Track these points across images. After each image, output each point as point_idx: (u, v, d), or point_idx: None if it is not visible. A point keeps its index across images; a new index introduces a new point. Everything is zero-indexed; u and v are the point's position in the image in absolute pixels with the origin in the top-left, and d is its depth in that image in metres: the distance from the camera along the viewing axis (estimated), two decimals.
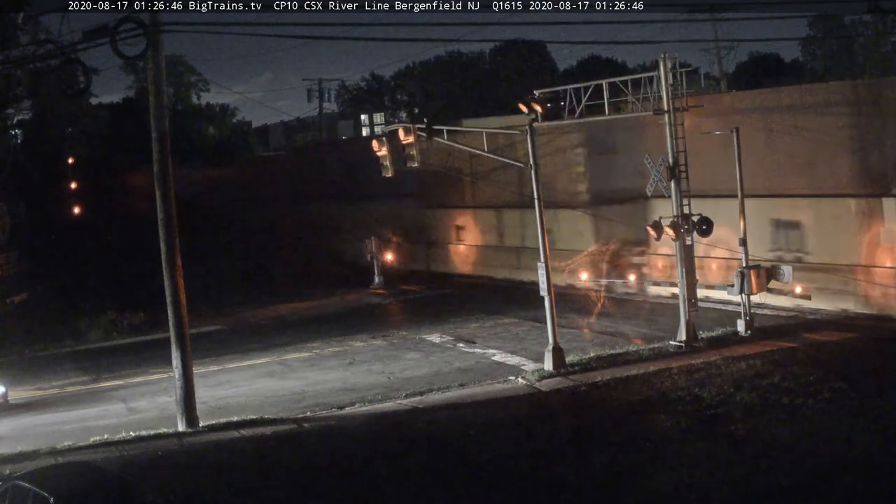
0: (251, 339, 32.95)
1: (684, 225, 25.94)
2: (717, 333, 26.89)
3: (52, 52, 22.44)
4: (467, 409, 22.01)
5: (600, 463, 17.49)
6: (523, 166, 26.46)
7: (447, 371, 26.18)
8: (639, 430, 19.15)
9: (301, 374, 27.18)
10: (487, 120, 49.93)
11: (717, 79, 57.33)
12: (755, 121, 30.67)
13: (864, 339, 25.50)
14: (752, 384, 21.45)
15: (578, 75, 73.05)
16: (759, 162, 30.22)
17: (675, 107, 25.99)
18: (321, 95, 74.68)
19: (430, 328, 32.50)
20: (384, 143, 27.53)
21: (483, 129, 29.87)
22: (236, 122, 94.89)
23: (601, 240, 36.69)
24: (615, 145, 36.14)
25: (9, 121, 54.09)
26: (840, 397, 19.97)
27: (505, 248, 42.42)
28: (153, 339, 32.62)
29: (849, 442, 17.44)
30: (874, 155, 28.81)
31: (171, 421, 22.05)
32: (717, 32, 55.56)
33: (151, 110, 21.95)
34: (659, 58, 26.09)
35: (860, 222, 28.94)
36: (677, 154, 26.01)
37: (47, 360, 31.74)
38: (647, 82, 26.42)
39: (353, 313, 37.14)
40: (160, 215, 22.01)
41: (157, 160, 21.99)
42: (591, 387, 23.08)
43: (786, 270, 26.84)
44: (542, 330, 26.31)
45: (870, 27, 64.99)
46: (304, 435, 20.91)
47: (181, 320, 22.09)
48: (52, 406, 25.56)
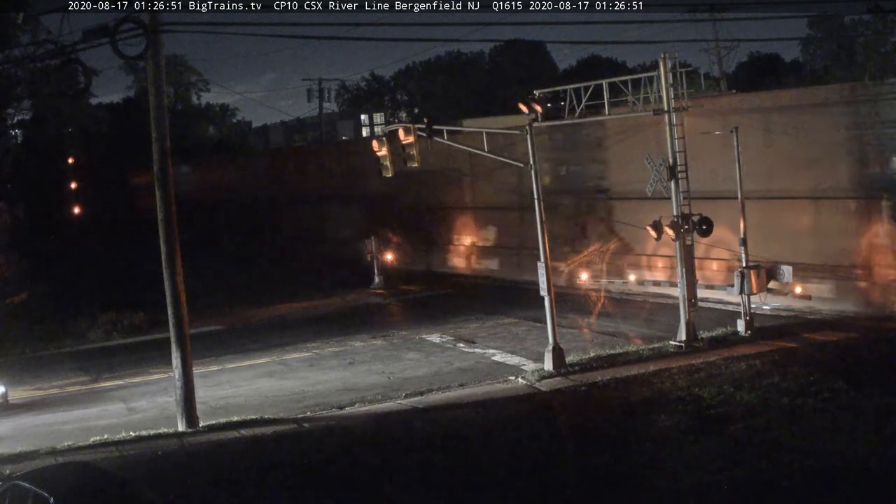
0: (251, 339, 32.94)
1: (684, 225, 25.94)
2: (717, 333, 26.89)
3: (52, 52, 22.47)
4: (467, 409, 22.02)
5: (600, 463, 17.48)
6: (523, 166, 26.45)
7: (447, 371, 26.18)
8: (639, 430, 19.14)
9: (301, 374, 27.18)
10: (487, 120, 49.93)
11: (717, 79, 57.28)
12: (755, 121, 30.67)
13: (864, 339, 25.49)
14: (752, 384, 21.45)
15: (578, 75, 73.05)
16: (759, 162, 30.21)
17: (674, 107, 25.99)
18: (321, 95, 74.75)
19: (430, 328, 32.49)
20: (384, 143, 27.52)
21: (483, 129, 29.84)
22: (236, 122, 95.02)
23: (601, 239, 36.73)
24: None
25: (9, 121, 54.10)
26: (840, 397, 19.97)
27: (505, 247, 42.42)
28: (153, 339, 32.60)
29: (849, 442, 17.44)
30: (873, 155, 28.82)
31: (171, 421, 22.06)
32: (717, 32, 55.56)
33: (151, 110, 21.94)
34: (659, 58, 26.10)
35: (859, 223, 28.94)
36: (677, 154, 26.02)
37: (47, 360, 31.72)
38: (647, 82, 26.41)
39: (353, 313, 37.13)
40: (160, 215, 22.01)
41: (157, 160, 21.98)
42: (591, 387, 23.08)
43: (786, 270, 26.84)
44: (542, 330, 26.31)
45: (870, 27, 64.95)
46: (304, 435, 20.91)
47: (181, 320, 22.09)
48: (52, 406, 25.55)
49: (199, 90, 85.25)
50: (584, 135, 37.41)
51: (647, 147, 28.91)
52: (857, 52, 66.17)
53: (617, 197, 36.64)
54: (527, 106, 25.96)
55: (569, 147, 38.69)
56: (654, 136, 28.80)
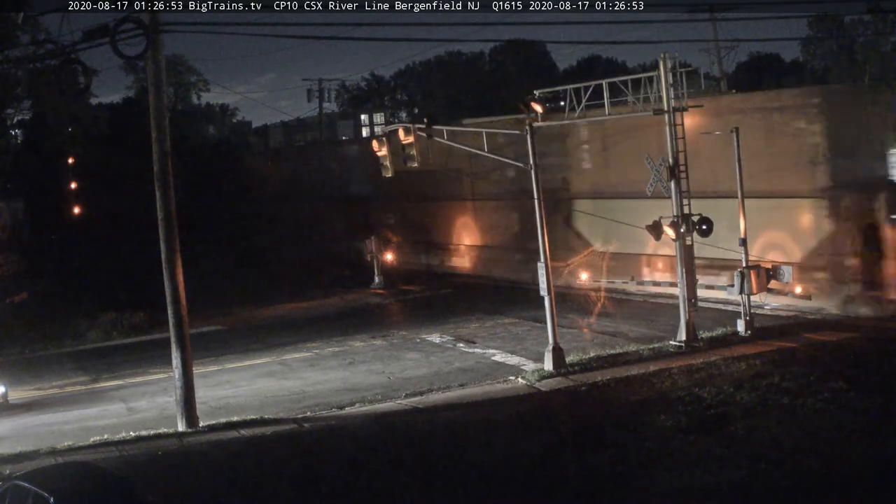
0: (251, 339, 32.94)
1: (684, 225, 25.93)
2: (717, 333, 26.89)
3: (52, 52, 22.49)
4: (467, 409, 22.02)
5: (600, 463, 17.48)
6: (523, 166, 26.45)
7: (447, 371, 26.18)
8: (639, 430, 19.14)
9: (301, 374, 27.18)
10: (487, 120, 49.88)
11: (717, 79, 57.30)
12: (755, 121, 30.66)
13: (864, 339, 25.49)
14: (752, 384, 21.45)
15: (578, 75, 73.09)
16: (759, 162, 30.19)
17: (674, 107, 25.98)
18: (321, 95, 74.63)
19: (430, 328, 32.49)
20: (384, 143, 27.52)
21: (483, 129, 29.84)
22: (236, 122, 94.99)
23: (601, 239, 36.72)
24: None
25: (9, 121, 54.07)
26: (840, 397, 19.97)
27: (505, 247, 42.39)
28: (153, 339, 32.62)
29: (849, 442, 17.44)
30: (872, 155, 28.83)
31: (171, 421, 22.06)
32: (717, 32, 55.59)
33: (151, 110, 21.94)
34: (659, 58, 26.10)
35: (858, 222, 28.91)
36: (677, 154, 26.01)
37: (47, 360, 31.73)
38: (647, 82, 26.40)
39: (353, 313, 37.13)
40: (160, 215, 22.02)
41: (157, 160, 21.99)
42: (591, 387, 23.08)
43: (786, 270, 26.84)
44: (542, 330, 26.31)
45: (870, 27, 64.98)
46: (304, 435, 20.90)
47: (181, 320, 22.10)
48: (52, 406, 25.56)
49: (199, 90, 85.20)
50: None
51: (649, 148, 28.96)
52: (857, 52, 66.18)
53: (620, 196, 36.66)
54: (526, 106, 25.96)
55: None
56: (653, 137, 28.82)
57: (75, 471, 15.71)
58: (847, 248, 28.66)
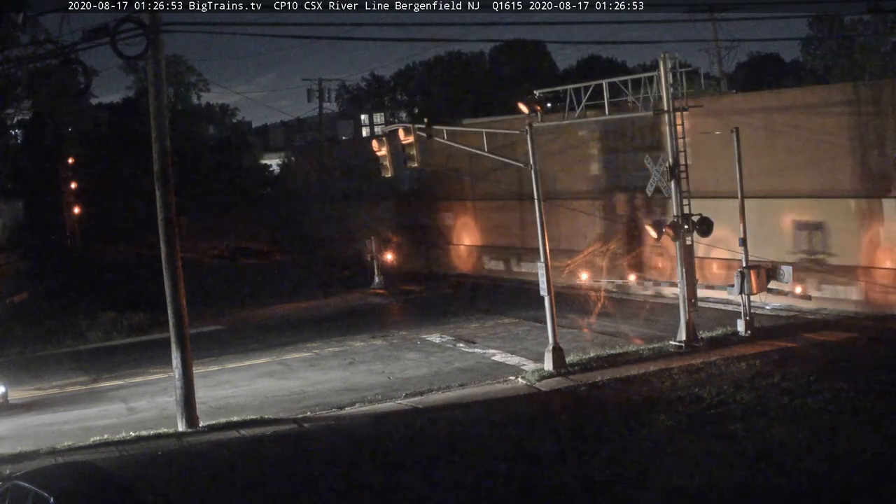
0: (251, 339, 32.94)
1: (684, 225, 25.93)
2: (717, 333, 26.89)
3: (52, 52, 22.48)
4: (467, 409, 22.01)
5: (600, 463, 17.48)
6: (523, 166, 26.45)
7: (447, 371, 26.18)
8: (639, 430, 19.13)
9: (301, 374, 27.18)
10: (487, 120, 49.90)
11: (718, 79, 57.31)
12: (756, 121, 30.66)
13: (864, 339, 25.47)
14: (752, 384, 21.44)
15: (578, 75, 73.08)
16: (759, 162, 30.20)
17: (674, 107, 25.98)
18: (321, 95, 74.63)
19: (430, 328, 32.49)
20: (384, 143, 27.51)
21: (483, 129, 29.83)
22: (236, 122, 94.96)
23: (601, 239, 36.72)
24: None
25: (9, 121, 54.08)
26: (840, 397, 19.95)
27: (505, 247, 42.39)
28: (153, 339, 32.63)
29: (849, 442, 17.43)
30: (874, 156, 28.81)
31: (171, 421, 22.05)
32: (717, 32, 55.61)
33: (151, 110, 21.94)
34: (659, 58, 26.08)
35: (860, 223, 28.94)
36: (677, 154, 26.01)
37: (47, 360, 31.74)
38: (647, 82, 26.40)
39: (353, 313, 37.13)
40: (160, 215, 22.01)
41: (157, 160, 21.98)
42: (591, 387, 23.07)
43: (786, 270, 26.81)
44: (542, 330, 26.30)
45: (870, 27, 64.91)
46: (304, 435, 20.90)
47: (181, 320, 22.09)
48: (52, 406, 25.56)
49: (200, 90, 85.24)
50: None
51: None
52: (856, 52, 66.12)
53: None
54: (527, 106, 25.95)
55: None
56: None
57: (75, 471, 15.69)
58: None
